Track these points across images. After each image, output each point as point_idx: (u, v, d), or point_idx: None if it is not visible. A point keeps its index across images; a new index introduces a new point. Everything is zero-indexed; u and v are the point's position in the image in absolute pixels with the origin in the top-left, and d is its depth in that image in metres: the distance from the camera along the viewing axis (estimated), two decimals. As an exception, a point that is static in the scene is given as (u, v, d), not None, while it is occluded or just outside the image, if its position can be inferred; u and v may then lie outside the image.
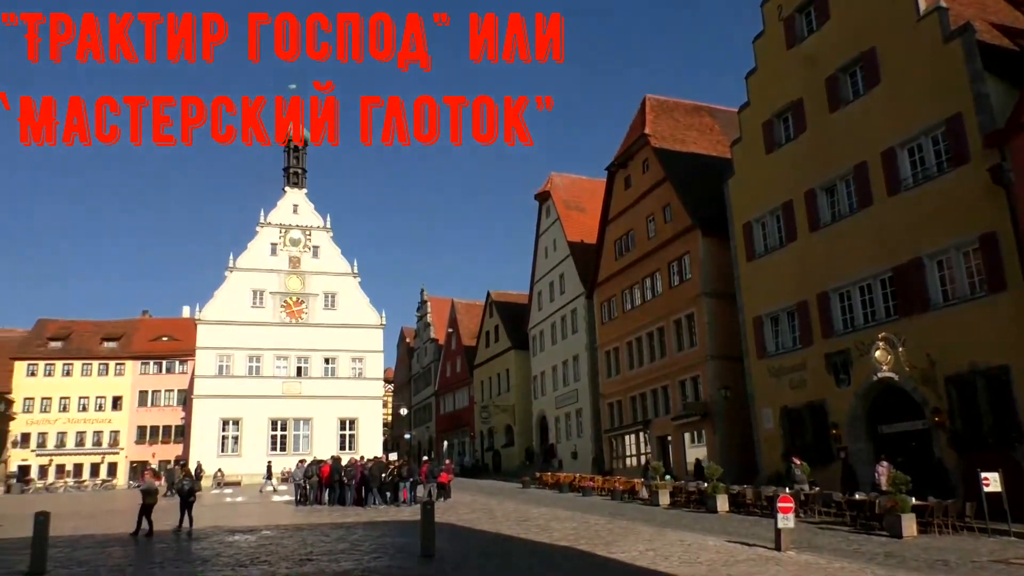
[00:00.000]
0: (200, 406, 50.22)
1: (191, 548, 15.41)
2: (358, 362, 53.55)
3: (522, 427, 52.90)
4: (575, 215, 47.78)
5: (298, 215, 54.82)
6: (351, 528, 18.82)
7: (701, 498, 23.25)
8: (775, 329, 27.60)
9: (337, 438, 51.20)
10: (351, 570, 12.08)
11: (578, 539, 15.69)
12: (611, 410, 40.03)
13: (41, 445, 65.42)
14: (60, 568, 13.08)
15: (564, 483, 33.34)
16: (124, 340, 70.03)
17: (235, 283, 52.19)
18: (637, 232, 38.31)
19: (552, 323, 48.64)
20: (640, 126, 38.66)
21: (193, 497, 19.89)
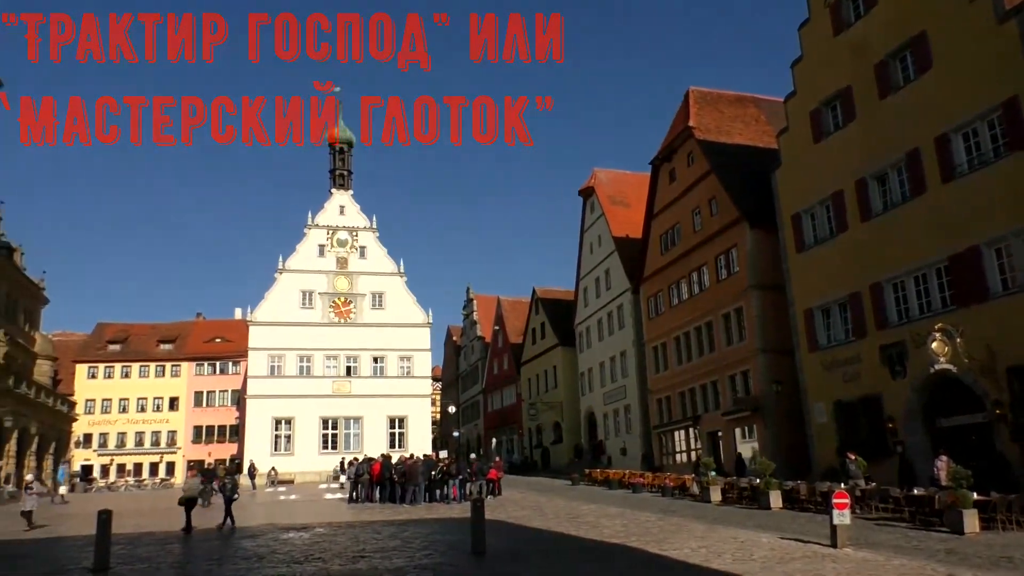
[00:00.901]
0: (253, 406, 51.15)
1: (246, 545, 15.71)
2: (406, 361, 53.98)
3: (570, 424, 52.80)
4: (619, 210, 47.48)
5: (345, 216, 55.45)
6: (402, 525, 18.99)
7: (753, 494, 22.94)
8: (827, 321, 27.11)
9: (387, 436, 51.69)
10: (403, 567, 12.19)
11: (629, 536, 15.60)
12: (660, 406, 39.73)
13: (102, 445, 67.45)
14: (123, 565, 13.45)
15: (614, 480, 33.19)
16: (179, 342, 71.75)
17: (285, 284, 53.03)
18: (683, 226, 37.93)
19: (599, 319, 48.44)
20: (684, 119, 38.26)
21: (236, 496, 20.43)
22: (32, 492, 21.72)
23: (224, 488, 20.75)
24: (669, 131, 40.43)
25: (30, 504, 21.34)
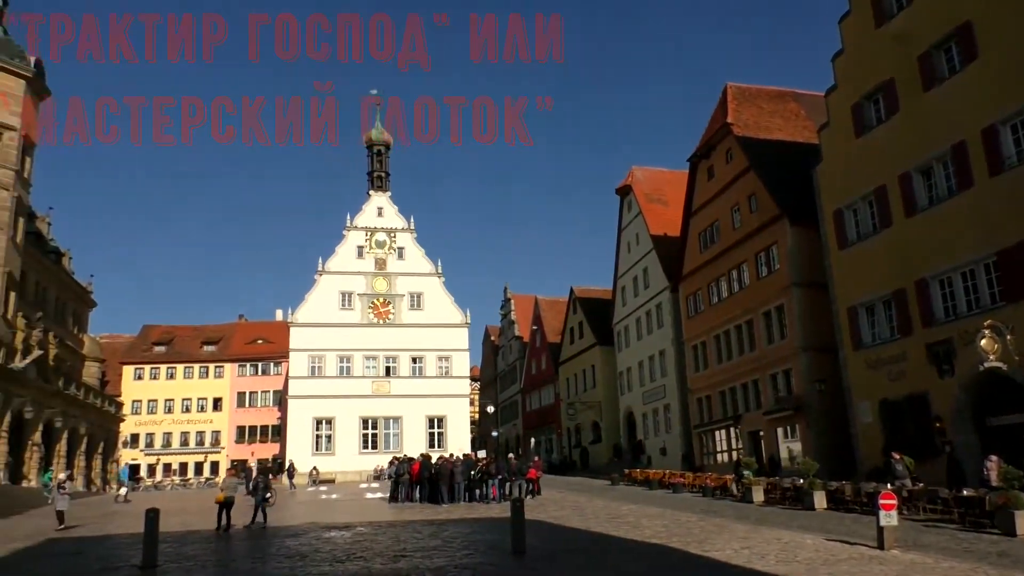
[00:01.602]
0: (294, 406, 51.80)
1: (289, 544, 15.91)
2: (444, 361, 54.21)
3: (609, 423, 52.58)
4: (657, 208, 47.17)
5: (383, 218, 55.87)
6: (442, 525, 19.08)
7: (797, 495, 22.60)
8: (871, 319, 26.63)
9: (426, 436, 51.97)
10: (444, 566, 12.24)
11: (670, 536, 15.49)
12: (700, 405, 39.39)
13: (149, 445, 68.95)
14: (170, 563, 13.71)
15: (653, 480, 32.97)
16: (222, 344, 73.01)
17: (324, 286, 53.62)
18: (722, 223, 37.56)
19: (637, 318, 48.17)
20: (722, 115, 37.88)
21: (270, 494, 20.78)
22: (64, 492, 21.61)
23: (256, 488, 21.02)
24: (707, 128, 40.06)
25: (62, 504, 21.31)
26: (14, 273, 36.96)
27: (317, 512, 24.70)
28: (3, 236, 35.47)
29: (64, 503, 21.32)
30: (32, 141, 38.41)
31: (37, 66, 37.90)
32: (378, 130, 58.75)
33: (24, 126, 36.91)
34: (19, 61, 36.89)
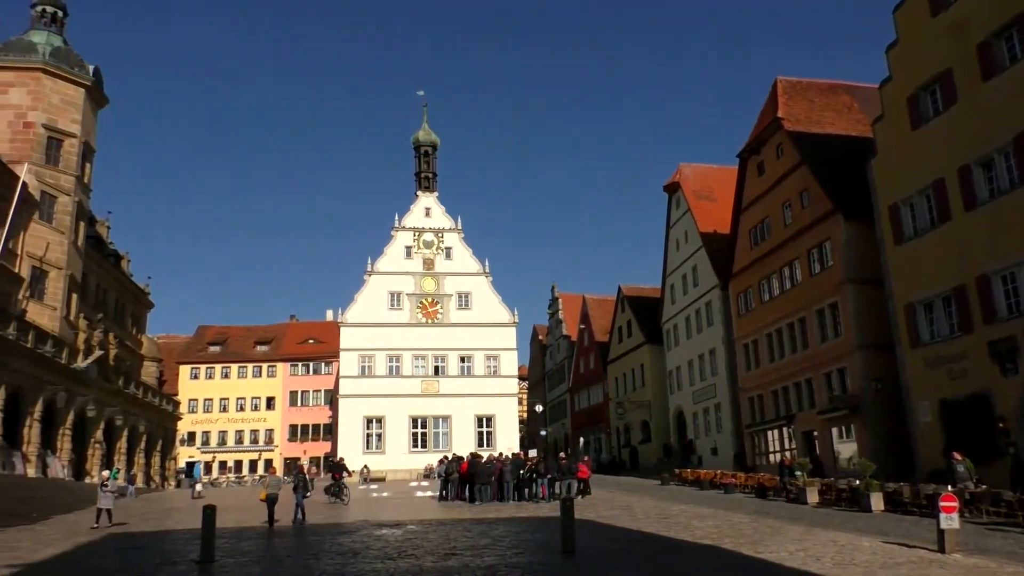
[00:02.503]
0: (345, 405, 52.51)
1: (342, 541, 16.11)
2: (493, 360, 54.40)
3: (658, 423, 52.14)
4: (706, 205, 46.61)
5: (430, 218, 56.28)
6: (492, 524, 19.11)
7: (853, 496, 22.12)
8: (929, 316, 25.91)
9: (475, 435, 52.22)
10: (494, 565, 12.26)
11: (722, 537, 15.28)
12: (751, 404, 38.81)
13: (205, 443, 70.56)
14: (227, 558, 13.99)
15: (704, 480, 32.60)
16: (275, 344, 74.33)
17: (374, 286, 54.23)
18: (773, 220, 36.95)
19: (686, 316, 47.67)
20: (772, 109, 37.26)
21: (308, 493, 21.57)
22: (107, 490, 21.16)
23: (296, 486, 21.56)
24: (757, 123, 39.46)
25: (105, 502, 20.82)
26: (76, 276, 38.14)
27: (368, 510, 24.96)
28: (65, 240, 36.63)
29: (107, 501, 21.00)
30: (92, 147, 39.58)
31: (96, 74, 39.03)
32: (425, 131, 59.20)
33: (84, 133, 38.05)
34: (79, 70, 38.04)
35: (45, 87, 36.53)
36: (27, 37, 37.67)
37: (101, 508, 20.70)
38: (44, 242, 35.50)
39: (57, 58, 37.25)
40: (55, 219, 36.36)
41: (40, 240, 35.34)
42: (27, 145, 35.55)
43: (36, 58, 36.58)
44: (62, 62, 37.37)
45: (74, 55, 38.50)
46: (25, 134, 35.70)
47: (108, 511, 20.75)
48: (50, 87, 36.73)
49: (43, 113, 36.27)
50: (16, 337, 27.81)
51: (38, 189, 35.31)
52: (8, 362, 27.23)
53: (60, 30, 39.25)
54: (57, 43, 38.14)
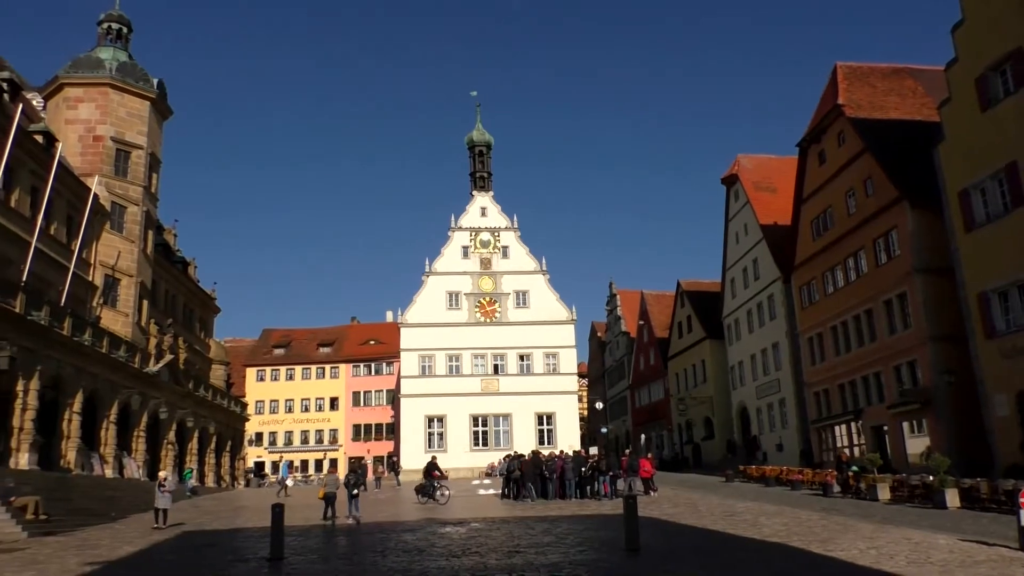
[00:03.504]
0: (406, 404, 53.13)
1: (407, 539, 16.29)
2: (552, 358, 54.36)
3: (721, 419, 51.40)
4: (766, 196, 45.74)
5: (486, 217, 56.53)
6: (555, 521, 19.11)
7: (927, 492, 21.46)
8: (1004, 305, 24.93)
9: (535, 433, 52.27)
10: (559, 563, 12.24)
11: (790, 535, 14.98)
12: (817, 399, 37.94)
13: (272, 443, 72.20)
14: (295, 555, 14.30)
15: (770, 476, 32.04)
16: (337, 345, 75.64)
17: (432, 287, 54.73)
18: (836, 209, 36.06)
19: (748, 310, 46.87)
20: (832, 96, 36.35)
21: (357, 491, 21.72)
22: (165, 490, 21.08)
23: (348, 483, 22.07)
24: (816, 111, 38.55)
25: (162, 502, 20.84)
26: (146, 283, 39.40)
27: (431, 508, 25.21)
28: (135, 248, 37.87)
29: (165, 501, 20.93)
30: (157, 158, 40.82)
31: (160, 87, 40.22)
32: (479, 131, 59.49)
33: (150, 145, 39.27)
34: (144, 84, 39.26)
35: (112, 101, 37.80)
36: (95, 54, 39.02)
37: (159, 508, 20.83)
38: (115, 251, 36.76)
39: (123, 73, 38.50)
40: (125, 228, 37.62)
41: (112, 249, 36.60)
42: (97, 158, 36.85)
43: (103, 73, 37.87)
44: (128, 76, 38.60)
45: (139, 69, 39.74)
46: (95, 147, 37.01)
47: (164, 511, 20.81)
48: (117, 101, 37.99)
49: (111, 126, 37.54)
50: (92, 343, 28.86)
51: (108, 200, 36.57)
52: (85, 367, 28.29)
53: (125, 46, 40.55)
54: (123, 58, 39.42)
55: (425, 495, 27.09)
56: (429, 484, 27.51)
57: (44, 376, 25.35)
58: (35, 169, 30.92)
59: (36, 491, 21.08)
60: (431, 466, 28.96)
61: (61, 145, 33.62)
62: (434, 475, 28.13)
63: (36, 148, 31.48)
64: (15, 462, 23.67)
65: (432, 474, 28.19)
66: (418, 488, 28.01)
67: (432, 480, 27.73)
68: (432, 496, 26.97)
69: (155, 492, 21.25)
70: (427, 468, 28.95)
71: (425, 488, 27.44)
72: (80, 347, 27.89)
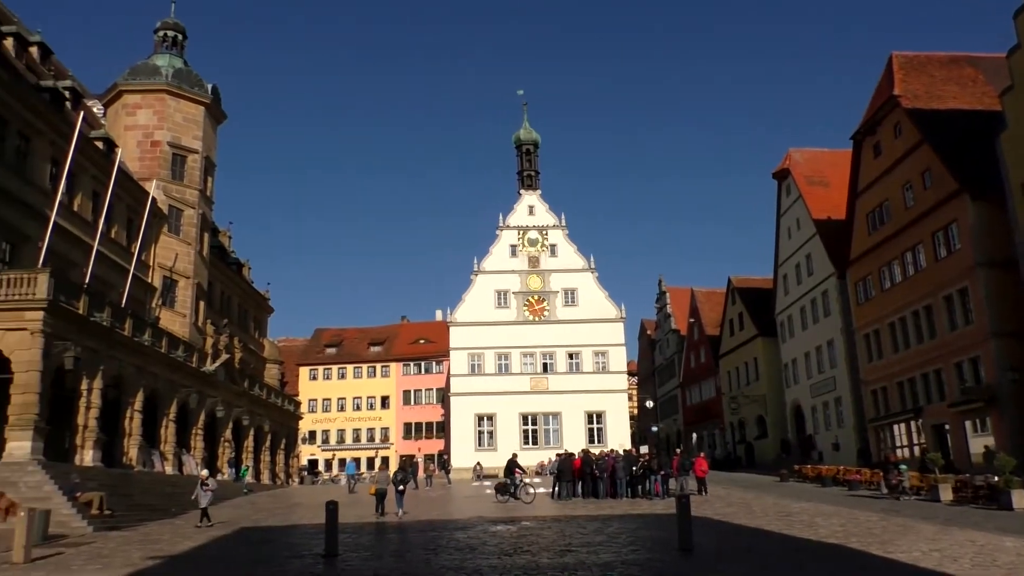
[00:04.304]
0: (456, 403, 53.40)
1: (459, 537, 16.37)
2: (601, 356, 54.11)
3: (775, 417, 50.56)
4: (818, 191, 44.85)
5: (534, 216, 56.53)
6: (606, 521, 19.01)
7: (992, 493, 20.81)
8: (1073, 299, 24.07)
9: (585, 432, 52.09)
10: (611, 562, 12.17)
11: (848, 537, 14.66)
12: (875, 397, 37.09)
13: (325, 441, 73.28)
14: (349, 552, 14.48)
15: (827, 476, 31.42)
16: (387, 344, 76.42)
17: (480, 286, 54.93)
18: (892, 203, 35.19)
19: (801, 307, 46.02)
20: (888, 87, 35.50)
21: (402, 487, 22.20)
22: (208, 488, 20.90)
23: (395, 480, 22.44)
24: (871, 102, 37.70)
25: (205, 500, 20.67)
26: (202, 284, 40.32)
27: (482, 506, 25.29)
28: (191, 250, 38.78)
29: (207, 499, 20.75)
30: (212, 162, 41.72)
31: (214, 92, 41.10)
32: (526, 129, 59.51)
33: (205, 149, 40.16)
34: (198, 89, 40.16)
35: (169, 107, 38.75)
36: (151, 61, 40.05)
37: (202, 507, 20.63)
38: (173, 253, 37.68)
39: (179, 79, 39.44)
40: (182, 231, 38.53)
41: (169, 251, 37.53)
42: (155, 162, 37.82)
43: (160, 80, 38.84)
44: (183, 82, 39.54)
45: (194, 75, 40.67)
46: (153, 152, 37.99)
47: (206, 509, 20.63)
48: (173, 107, 38.93)
49: (168, 131, 38.49)
50: (151, 343, 29.64)
51: (166, 203, 37.50)
52: (145, 367, 29.06)
53: (180, 52, 41.55)
54: (178, 65, 40.38)
55: (506, 493, 25.87)
56: (511, 482, 26.27)
57: (107, 375, 26.12)
58: (96, 175, 31.87)
59: (100, 487, 21.76)
60: (513, 463, 27.41)
61: (121, 151, 34.62)
62: (516, 473, 26.79)
63: (97, 154, 32.46)
64: (80, 459, 24.44)
65: (514, 472, 26.82)
66: (498, 487, 26.80)
67: (514, 477, 26.42)
68: (514, 495, 25.75)
69: (197, 491, 21.11)
70: (509, 465, 27.41)
71: (506, 487, 26.18)
72: (141, 347, 28.67)
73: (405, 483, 22.56)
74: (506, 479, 26.91)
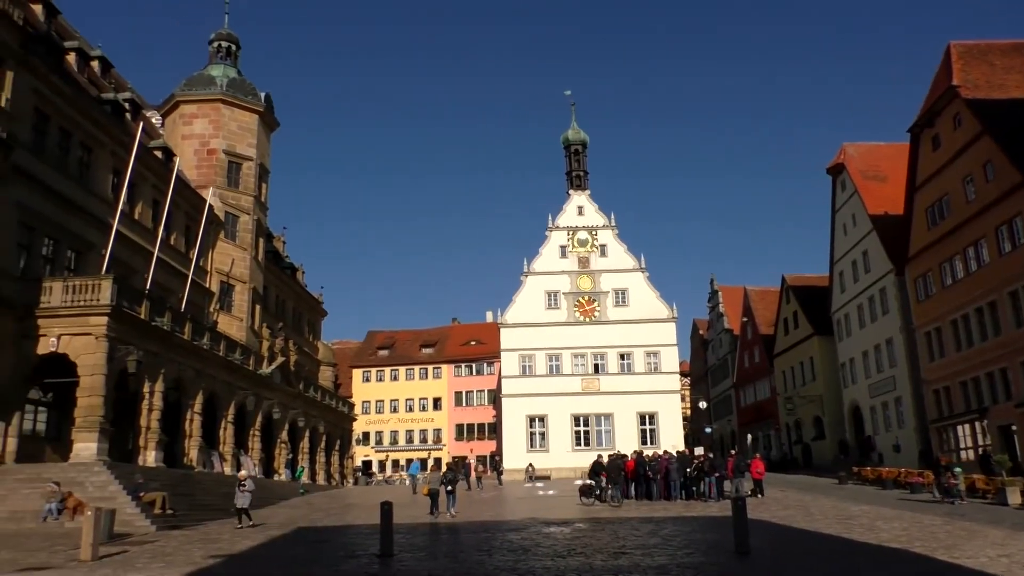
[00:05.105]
0: (508, 404, 53.47)
1: (512, 538, 16.40)
2: (653, 356, 53.63)
3: (832, 418, 49.50)
4: (874, 186, 43.79)
5: (583, 216, 56.31)
6: (660, 523, 18.85)
7: (1062, 496, 20.07)
8: None
9: (637, 433, 51.67)
10: (666, 565, 12.06)
11: (911, 541, 14.29)
12: (937, 397, 36.05)
13: (378, 442, 74.10)
14: (404, 552, 14.62)
15: (887, 479, 30.71)
16: (439, 346, 76.93)
17: (531, 287, 54.92)
18: (953, 196, 34.18)
19: (858, 304, 44.99)
20: (946, 77, 34.52)
21: (452, 487, 22.57)
22: (245, 489, 20.56)
23: (446, 480, 22.69)
24: (929, 93, 36.70)
25: (242, 501, 20.38)
26: (258, 288, 41.17)
27: (535, 507, 25.29)
28: (247, 255, 39.62)
29: (244, 500, 20.46)
30: (266, 169, 42.57)
31: (267, 100, 41.94)
32: (574, 130, 59.34)
33: (259, 156, 41.00)
34: (252, 98, 41.02)
35: (224, 116, 39.67)
36: (206, 71, 41.05)
37: (240, 508, 20.42)
38: (230, 258, 38.55)
39: (233, 88, 40.35)
40: (238, 237, 39.40)
41: (226, 257, 38.41)
42: (211, 170, 38.77)
43: (215, 90, 39.80)
44: (237, 92, 40.43)
45: (247, 84, 41.55)
46: (209, 160, 38.95)
47: (245, 511, 20.48)
48: (228, 115, 39.85)
49: (223, 140, 39.41)
50: (210, 347, 30.38)
51: (222, 210, 38.38)
52: (204, 369, 29.79)
53: (234, 62, 42.52)
54: (232, 74, 41.31)
55: (591, 496, 25.10)
56: (597, 484, 25.37)
57: (167, 378, 26.84)
58: (156, 183, 32.78)
59: (162, 487, 22.38)
60: (600, 465, 26.14)
61: (178, 159, 35.54)
62: (603, 475, 25.62)
63: (156, 163, 33.38)
64: (143, 459, 25.15)
65: (600, 474, 25.68)
66: (583, 489, 25.81)
67: (600, 479, 25.48)
68: (600, 497, 25.03)
69: (235, 492, 20.71)
70: (595, 467, 26.21)
71: (591, 489, 25.32)
72: (199, 350, 29.39)
73: (455, 483, 22.83)
74: (591, 481, 25.86)
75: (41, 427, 25.27)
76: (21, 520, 19.93)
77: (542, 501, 29.23)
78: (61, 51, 29.16)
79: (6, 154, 22.56)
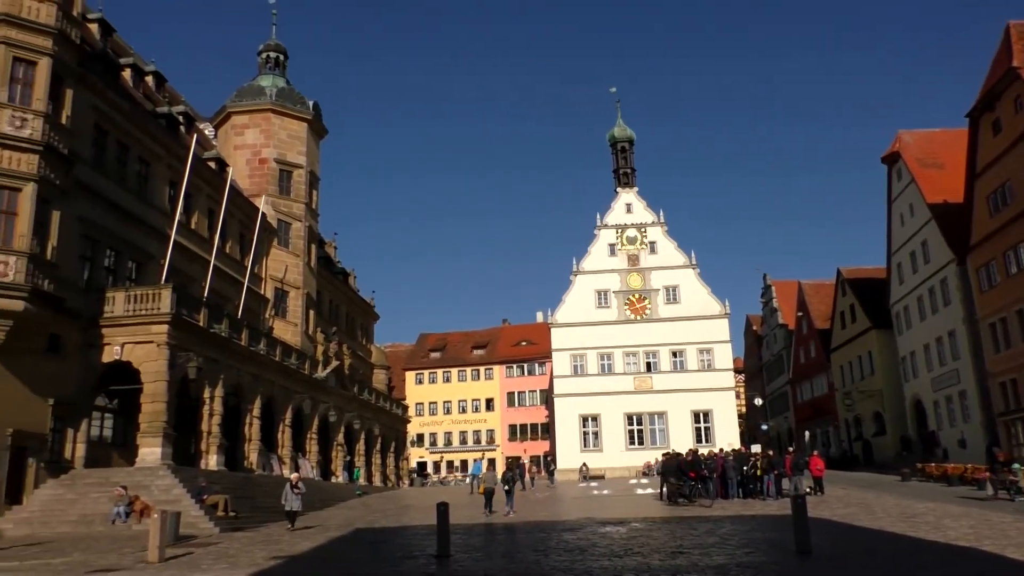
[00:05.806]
0: (560, 404, 53.38)
1: (568, 538, 16.37)
2: (706, 353, 53.02)
3: (893, 413, 48.26)
4: (932, 173, 42.55)
5: (632, 214, 55.94)
6: (718, 522, 18.62)
7: None
8: None
9: (692, 431, 51.14)
10: (724, 564, 11.91)
11: (980, 539, 13.85)
12: (1003, 390, 34.87)
13: (432, 444, 74.69)
14: (461, 552, 14.71)
15: (953, 475, 29.79)
16: (490, 347, 77.23)
17: (580, 286, 54.77)
18: (1016, 182, 33.04)
19: (918, 296, 43.78)
20: (1006, 59, 33.37)
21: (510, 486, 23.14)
22: (298, 492, 20.65)
23: (504, 479, 23.26)
24: (988, 76, 35.49)
25: (295, 504, 20.43)
26: (311, 294, 41.86)
27: (590, 507, 25.20)
28: (300, 262, 40.31)
29: (297, 503, 20.52)
30: (316, 176, 43.26)
31: (315, 108, 42.61)
32: (620, 127, 59.01)
33: (309, 163, 41.68)
34: (300, 107, 41.74)
35: (274, 125, 40.46)
36: (256, 82, 41.90)
37: (290, 510, 20.43)
38: (283, 265, 39.27)
39: (282, 98, 41.11)
40: (291, 243, 40.12)
41: (280, 263, 39.14)
42: (263, 179, 39.55)
43: (265, 100, 40.60)
44: (286, 101, 41.18)
45: (296, 93, 42.29)
46: (261, 169, 39.75)
47: (295, 513, 20.57)
48: (278, 124, 40.62)
49: (274, 149, 40.18)
50: (266, 352, 31.01)
51: (275, 218, 39.13)
52: (261, 374, 30.42)
53: (283, 72, 43.33)
54: (281, 84, 42.09)
55: (680, 497, 24.32)
56: (685, 483, 24.47)
57: (227, 384, 27.46)
58: (211, 193, 33.55)
59: (224, 490, 22.92)
60: (684, 463, 25.07)
61: (231, 169, 36.32)
62: (691, 475, 24.70)
63: (210, 174, 34.16)
64: (205, 463, 25.78)
65: (689, 474, 24.73)
66: (671, 491, 24.84)
67: (687, 479, 24.58)
68: (690, 497, 24.17)
69: (288, 494, 20.66)
70: (677, 465, 25.10)
71: (682, 489, 24.46)
72: (256, 356, 30.02)
73: (513, 483, 22.98)
74: (679, 480, 24.73)
75: (108, 433, 26.09)
76: (91, 523, 20.62)
77: (597, 501, 29.14)
78: (117, 68, 30.06)
79: (68, 169, 23.36)
